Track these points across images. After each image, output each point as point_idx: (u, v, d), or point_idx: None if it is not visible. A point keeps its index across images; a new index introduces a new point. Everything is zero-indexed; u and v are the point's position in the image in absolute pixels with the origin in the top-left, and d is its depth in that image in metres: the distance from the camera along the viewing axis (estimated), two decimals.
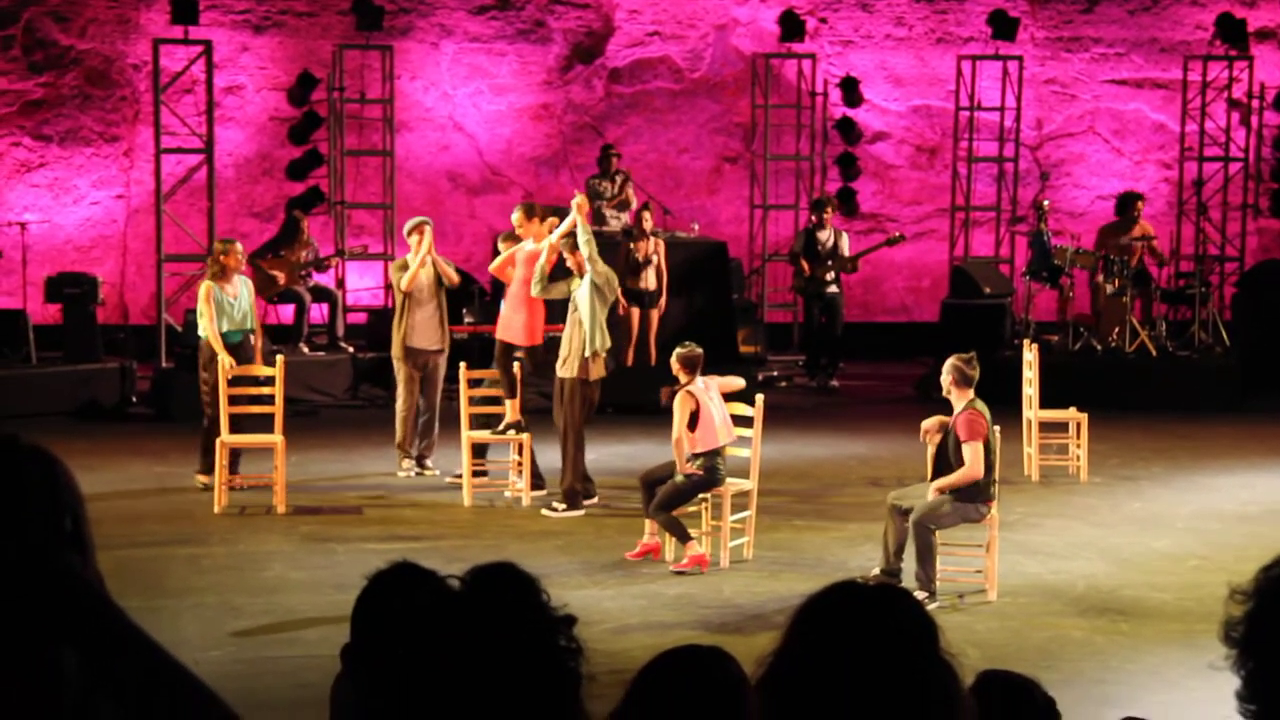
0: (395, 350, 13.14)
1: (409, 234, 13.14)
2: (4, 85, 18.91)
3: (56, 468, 2.39)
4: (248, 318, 12.42)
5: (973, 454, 9.39)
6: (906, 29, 21.22)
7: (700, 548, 10.20)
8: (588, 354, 11.70)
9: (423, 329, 13.06)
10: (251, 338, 12.51)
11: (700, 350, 10.36)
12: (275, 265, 17.40)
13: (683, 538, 10.15)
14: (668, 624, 8.90)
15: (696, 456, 10.25)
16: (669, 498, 10.24)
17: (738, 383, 10.93)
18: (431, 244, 13.02)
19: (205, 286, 12.33)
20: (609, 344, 11.97)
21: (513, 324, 12.51)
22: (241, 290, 12.43)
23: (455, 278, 13.18)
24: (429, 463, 13.11)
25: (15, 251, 17.39)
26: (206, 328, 12.24)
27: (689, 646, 2.91)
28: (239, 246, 12.67)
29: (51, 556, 2.04)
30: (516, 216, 12.67)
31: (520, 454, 12.24)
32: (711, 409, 10.31)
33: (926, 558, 9.39)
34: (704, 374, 10.47)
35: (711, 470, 10.29)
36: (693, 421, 10.23)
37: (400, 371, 13.16)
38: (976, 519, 9.62)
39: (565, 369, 11.85)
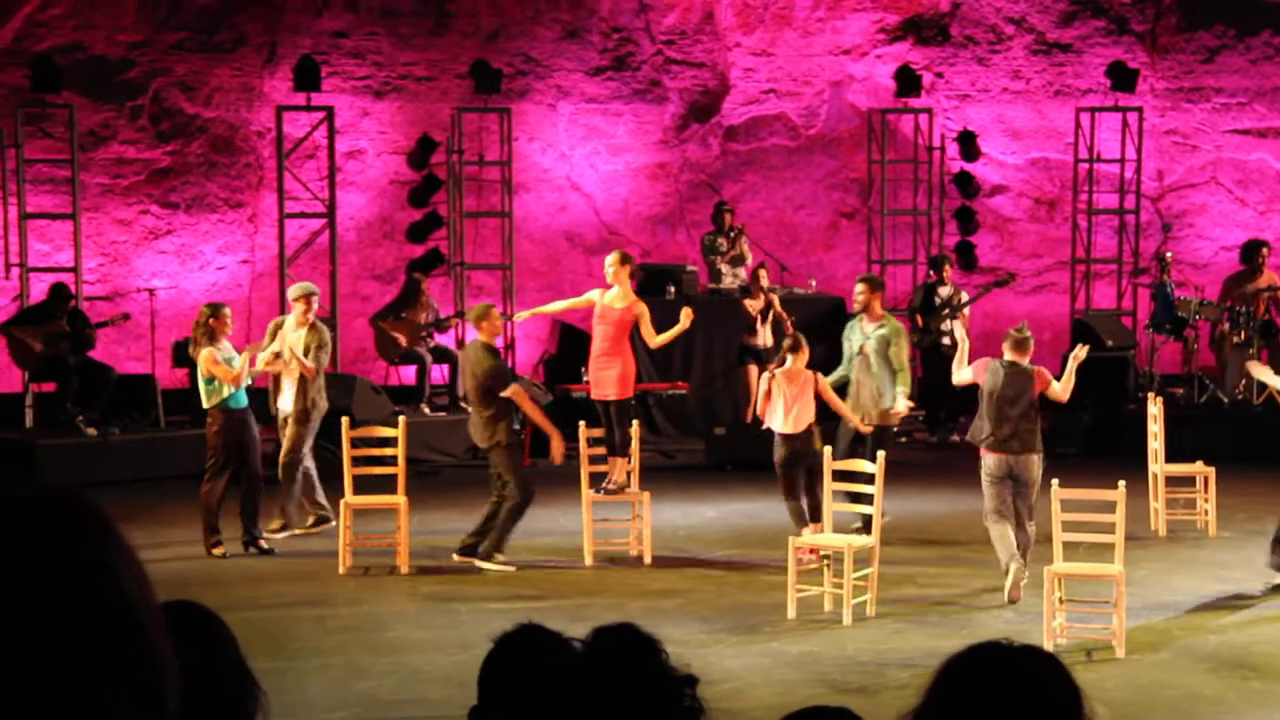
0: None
1: (294, 301, 12.91)
2: (133, 154, 19.34)
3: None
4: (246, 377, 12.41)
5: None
6: (1024, 82, 21.11)
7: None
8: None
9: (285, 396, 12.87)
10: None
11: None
12: (396, 327, 17.61)
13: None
14: (790, 682, 8.84)
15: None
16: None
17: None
18: (304, 315, 12.71)
19: (207, 352, 12.11)
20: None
21: (604, 380, 12.42)
22: (231, 353, 12.33)
23: (309, 367, 12.64)
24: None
25: (144, 317, 17.74)
26: (218, 390, 12.12)
27: (816, 708, 2.90)
28: (227, 311, 12.46)
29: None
30: (613, 258, 12.74)
31: (639, 512, 12.24)
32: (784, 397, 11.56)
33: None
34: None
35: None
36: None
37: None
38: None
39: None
